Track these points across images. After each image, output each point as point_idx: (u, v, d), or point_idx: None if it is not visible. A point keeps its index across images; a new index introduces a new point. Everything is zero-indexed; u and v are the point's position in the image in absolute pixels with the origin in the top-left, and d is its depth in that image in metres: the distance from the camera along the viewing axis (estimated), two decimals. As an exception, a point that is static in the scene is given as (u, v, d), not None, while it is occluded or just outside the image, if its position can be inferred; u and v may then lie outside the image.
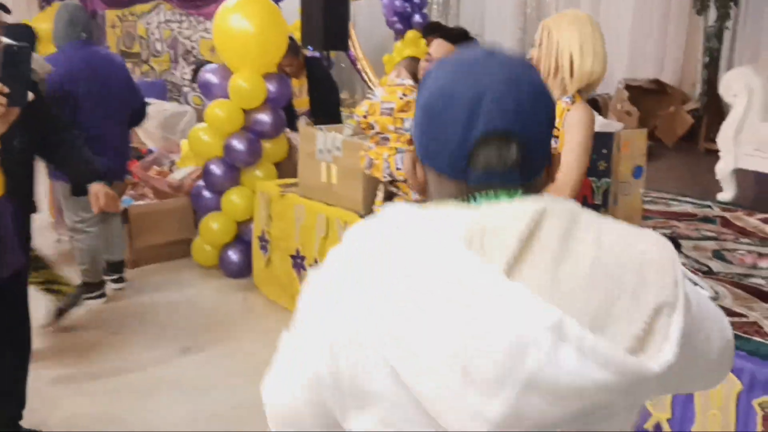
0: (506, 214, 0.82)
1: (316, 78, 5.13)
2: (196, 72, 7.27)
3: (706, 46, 5.86)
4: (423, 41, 7.52)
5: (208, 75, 4.38)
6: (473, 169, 0.87)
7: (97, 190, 2.64)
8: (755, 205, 4.08)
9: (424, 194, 0.96)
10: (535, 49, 2.25)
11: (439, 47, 2.64)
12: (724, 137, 4.08)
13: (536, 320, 0.75)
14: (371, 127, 2.84)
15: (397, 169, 2.75)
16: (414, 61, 3.34)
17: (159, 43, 9.76)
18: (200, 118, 7.80)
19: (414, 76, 2.85)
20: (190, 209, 4.72)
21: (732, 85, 4.09)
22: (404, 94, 2.77)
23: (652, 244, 0.85)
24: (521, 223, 0.80)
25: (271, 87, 4.29)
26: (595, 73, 2.24)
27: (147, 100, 7.56)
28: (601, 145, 2.56)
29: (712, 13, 5.84)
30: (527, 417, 0.77)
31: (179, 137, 7.34)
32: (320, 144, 3.78)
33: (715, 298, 2.54)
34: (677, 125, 6.49)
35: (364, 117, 2.85)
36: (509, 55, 0.92)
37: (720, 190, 4.32)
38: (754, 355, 2.18)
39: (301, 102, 5.05)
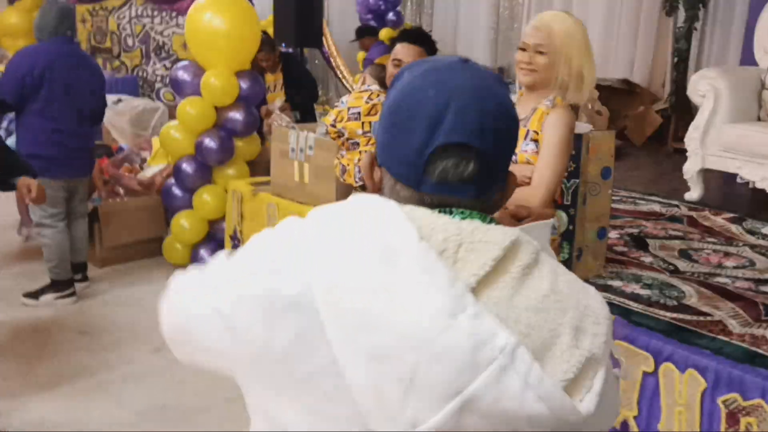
0: (486, 236, 0.83)
1: (293, 74, 5.12)
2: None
3: (675, 47, 5.94)
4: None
5: (180, 72, 4.34)
6: (429, 178, 0.86)
7: (27, 183, 2.63)
8: (721, 205, 4.15)
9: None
10: (541, 56, 2.15)
11: (408, 51, 2.65)
12: (692, 138, 4.15)
13: (494, 342, 0.75)
14: (340, 134, 2.83)
15: None
16: (379, 67, 3.34)
17: (130, 39, 9.64)
18: (172, 115, 7.75)
19: (381, 82, 2.85)
20: (161, 207, 4.68)
21: (699, 86, 4.16)
22: (370, 98, 2.78)
23: (595, 299, 0.87)
24: (498, 248, 0.82)
25: (244, 84, 4.27)
26: (594, 82, 2.24)
27: (119, 96, 7.49)
28: (570, 147, 2.59)
29: (682, 14, 5.93)
30: None
31: (151, 134, 7.28)
32: (293, 143, 3.77)
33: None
34: (646, 125, 6.58)
35: (332, 125, 2.84)
36: (481, 69, 0.92)
37: (687, 189, 4.39)
38: (718, 354, 2.23)
39: (275, 98, 5.03)
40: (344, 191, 3.35)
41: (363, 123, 2.75)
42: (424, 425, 0.76)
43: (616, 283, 2.79)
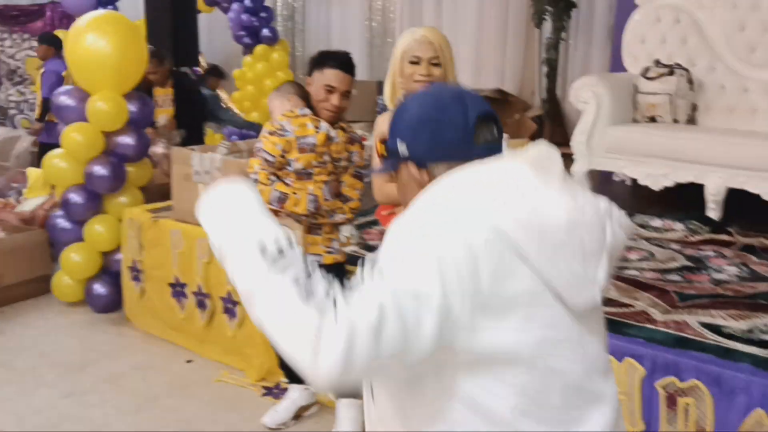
0: (543, 152, 1.20)
1: (184, 90, 4.94)
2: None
3: (545, 57, 6.28)
4: (273, 55, 7.47)
5: (63, 97, 4.08)
6: (477, 147, 1.19)
7: None
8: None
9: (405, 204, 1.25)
10: (437, 68, 2.32)
11: (342, 78, 2.65)
12: (578, 141, 4.39)
13: (603, 207, 1.19)
14: (288, 164, 2.73)
15: (326, 200, 2.73)
16: (297, 86, 3.26)
17: (-23, 63, 8.98)
18: (34, 143, 7.23)
19: (307, 103, 2.80)
20: (47, 243, 4.37)
21: (581, 93, 4.41)
22: (316, 127, 2.73)
23: None
24: (556, 157, 1.19)
25: (133, 107, 4.07)
26: (436, 77, 2.38)
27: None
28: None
29: (547, 25, 6.28)
30: (605, 279, 1.16)
31: (15, 164, 6.79)
32: (196, 165, 3.64)
33: None
34: (522, 131, 6.90)
35: (282, 156, 2.73)
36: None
37: (575, 190, 4.64)
38: (651, 342, 2.37)
39: (163, 112, 4.84)
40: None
41: (318, 155, 2.71)
42: (599, 279, 1.15)
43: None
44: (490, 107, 1.23)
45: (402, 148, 1.24)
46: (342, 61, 2.67)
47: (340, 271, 2.83)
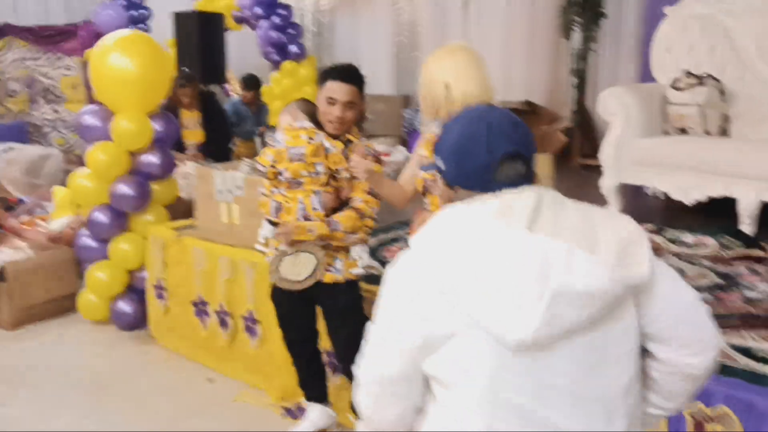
0: (519, 197, 1.27)
1: (212, 112, 4.99)
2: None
3: (573, 67, 6.20)
4: (301, 71, 7.50)
5: (87, 116, 4.12)
6: (497, 182, 1.31)
7: None
8: (639, 217, 4.31)
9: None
10: (419, 87, 2.34)
11: (343, 89, 2.61)
12: (606, 154, 4.30)
13: (554, 250, 1.18)
14: (279, 173, 2.73)
15: (314, 209, 2.67)
16: (307, 103, 3.25)
17: (14, 83, 9.14)
18: (68, 160, 7.35)
19: (311, 117, 2.78)
20: (73, 261, 4.41)
21: (608, 104, 4.33)
22: (310, 138, 2.70)
23: (617, 213, 1.39)
24: (530, 201, 1.25)
25: (158, 126, 4.09)
26: (471, 95, 2.35)
27: (8, 144, 7.04)
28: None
29: (577, 36, 6.20)
30: (557, 322, 1.17)
31: (46, 182, 6.87)
32: (219, 184, 3.64)
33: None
34: (552, 144, 6.81)
35: (272, 166, 2.74)
36: (501, 108, 1.44)
37: (604, 203, 4.54)
38: (678, 366, 2.27)
39: (191, 134, 4.87)
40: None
41: (308, 165, 2.68)
42: (532, 322, 1.17)
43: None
44: (520, 145, 1.33)
45: (440, 164, 1.41)
46: (342, 72, 2.63)
47: (346, 290, 2.76)
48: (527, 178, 1.33)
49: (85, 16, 8.85)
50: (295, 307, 2.88)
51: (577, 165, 6.48)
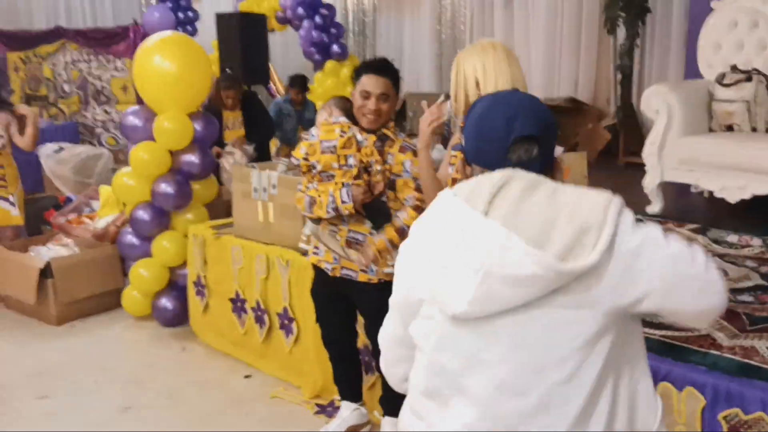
0: (485, 179, 1.32)
1: (254, 112, 5.05)
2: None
3: (618, 64, 6.08)
4: (343, 70, 7.54)
5: (130, 117, 4.21)
6: (510, 162, 1.36)
7: None
8: (682, 216, 4.21)
9: None
10: (451, 85, 2.32)
11: (376, 82, 2.62)
12: (649, 153, 4.21)
13: (495, 236, 1.24)
14: (312, 167, 2.75)
15: (343, 202, 2.67)
16: (343, 99, 3.28)
17: (67, 85, 9.40)
18: (117, 160, 7.54)
19: (347, 113, 2.79)
20: (118, 258, 4.51)
21: (652, 102, 4.23)
22: (343, 131, 2.71)
23: (598, 193, 1.29)
24: (496, 184, 1.30)
25: (198, 126, 4.16)
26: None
27: (59, 144, 7.25)
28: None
29: (622, 32, 6.07)
30: (491, 299, 1.25)
31: (96, 181, 7.06)
32: (255, 183, 3.68)
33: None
34: (596, 141, 6.70)
35: (305, 159, 2.76)
36: (524, 93, 1.52)
37: (648, 203, 4.45)
38: (714, 370, 2.21)
39: (234, 135, 4.94)
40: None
41: (339, 156, 2.68)
42: (469, 294, 1.25)
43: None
44: (537, 129, 1.37)
45: (463, 142, 1.48)
46: (375, 66, 2.64)
47: (381, 290, 2.71)
48: (542, 162, 1.38)
49: (134, 18, 9.06)
50: (332, 305, 2.89)
51: (621, 163, 6.35)
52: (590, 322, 1.25)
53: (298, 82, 6.89)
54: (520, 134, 1.36)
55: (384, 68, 2.66)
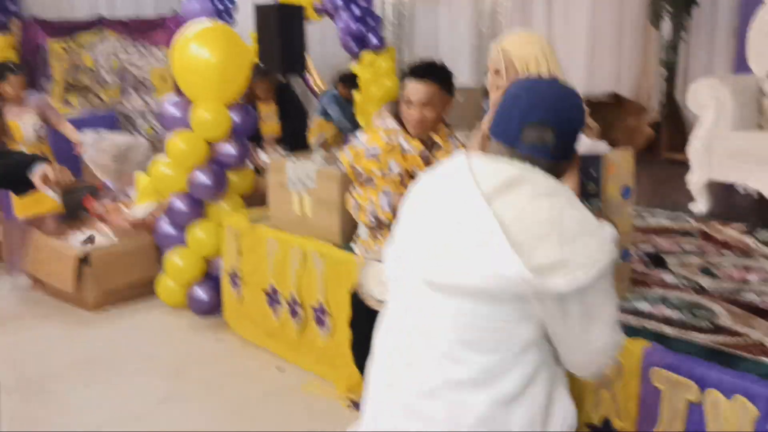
0: (504, 165, 1.45)
1: (288, 104, 5.02)
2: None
3: (662, 58, 5.92)
4: (380, 62, 7.46)
5: (169, 106, 4.21)
6: (522, 143, 1.46)
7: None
8: (728, 216, 4.07)
9: None
10: (499, 74, 2.25)
11: (417, 89, 2.54)
12: (695, 149, 4.07)
13: (484, 226, 1.37)
14: (359, 173, 2.70)
15: (383, 209, 2.62)
16: (396, 103, 3.23)
17: (107, 74, 9.49)
18: (155, 149, 7.58)
19: (397, 118, 2.73)
20: (154, 247, 4.53)
21: (699, 96, 4.09)
22: (390, 138, 2.66)
23: (598, 240, 1.40)
24: (509, 173, 1.42)
25: (236, 117, 4.14)
26: None
27: (98, 131, 7.32)
28: (589, 167, 2.51)
29: (666, 25, 5.91)
30: (447, 274, 1.42)
31: (134, 169, 7.10)
32: (291, 174, 3.64)
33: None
34: (638, 137, 6.54)
35: (351, 165, 2.70)
36: (554, 81, 1.58)
37: (690, 201, 4.32)
38: (767, 379, 2.12)
39: (268, 127, 4.91)
40: (350, 224, 3.22)
41: (381, 163, 2.63)
42: (428, 268, 1.47)
43: (644, 306, 2.68)
44: (555, 117, 1.46)
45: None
46: (419, 71, 2.54)
47: None
48: (555, 149, 1.46)
49: (173, 8, 9.09)
50: (370, 312, 2.84)
51: (663, 159, 6.20)
52: (533, 333, 1.44)
53: (348, 79, 6.87)
54: (535, 119, 1.44)
55: (429, 73, 2.55)
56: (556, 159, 1.47)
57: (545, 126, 1.44)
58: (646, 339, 2.37)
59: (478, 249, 1.37)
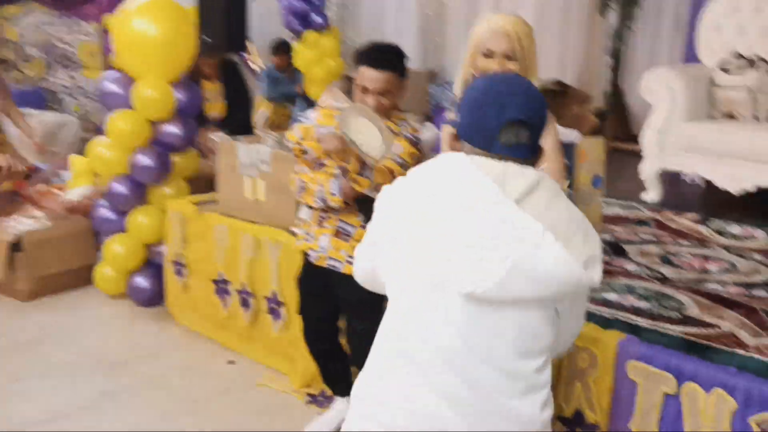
0: (519, 171, 1.42)
1: (234, 83, 4.79)
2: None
3: (610, 47, 5.96)
4: (324, 42, 7.29)
5: (108, 83, 3.95)
6: (498, 144, 1.43)
7: None
8: (680, 205, 4.12)
9: None
10: (512, 62, 2.18)
11: (372, 77, 2.41)
12: (648, 139, 4.09)
13: (530, 229, 1.33)
14: (304, 152, 2.57)
15: (332, 194, 2.49)
16: (348, 81, 3.10)
17: (31, 48, 8.98)
18: (85, 128, 7.20)
19: (350, 96, 2.61)
20: (91, 232, 4.27)
21: (653, 86, 4.11)
22: None
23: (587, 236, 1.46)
24: (529, 180, 1.41)
25: (180, 96, 3.92)
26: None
27: (24, 110, 6.90)
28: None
29: (612, 14, 5.94)
30: (509, 290, 1.35)
31: (63, 150, 6.73)
32: (243, 157, 3.47)
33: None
34: (582, 126, 6.56)
35: (298, 143, 2.57)
36: (522, 78, 1.59)
37: (641, 190, 4.34)
38: (743, 370, 2.10)
39: (213, 107, 4.69)
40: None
41: None
42: (485, 284, 1.34)
43: (612, 296, 2.66)
44: (529, 114, 1.43)
45: (457, 117, 1.53)
46: (375, 57, 2.41)
47: None
48: (530, 147, 1.45)
49: (105, -20, 8.66)
50: (317, 296, 2.73)
51: (610, 149, 6.26)
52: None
53: (281, 48, 6.61)
54: (511, 118, 1.41)
55: (385, 60, 2.43)
56: (532, 156, 1.47)
57: (519, 124, 1.43)
58: (619, 330, 2.33)
59: (529, 257, 1.33)
